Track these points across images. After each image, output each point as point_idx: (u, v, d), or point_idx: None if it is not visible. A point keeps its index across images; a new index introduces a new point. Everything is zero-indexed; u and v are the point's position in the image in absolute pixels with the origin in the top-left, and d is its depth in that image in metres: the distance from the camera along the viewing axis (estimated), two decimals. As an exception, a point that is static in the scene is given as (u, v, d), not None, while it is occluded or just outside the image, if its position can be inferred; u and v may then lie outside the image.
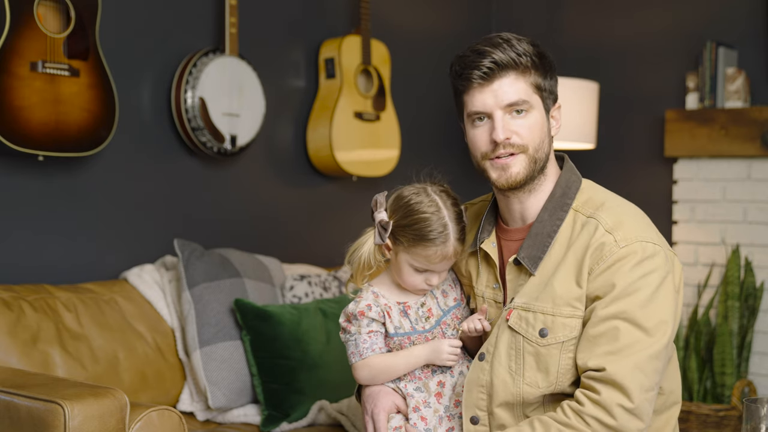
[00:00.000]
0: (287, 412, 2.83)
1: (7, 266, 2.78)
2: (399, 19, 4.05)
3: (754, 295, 3.75)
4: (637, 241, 1.83)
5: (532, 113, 1.90)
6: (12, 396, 2.01)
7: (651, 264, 1.83)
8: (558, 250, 1.89)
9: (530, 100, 1.90)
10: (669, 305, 1.83)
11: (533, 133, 1.90)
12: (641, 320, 1.79)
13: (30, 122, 2.64)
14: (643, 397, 1.77)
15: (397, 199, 2.01)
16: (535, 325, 1.87)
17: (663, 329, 1.81)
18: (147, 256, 3.09)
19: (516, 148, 1.89)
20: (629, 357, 1.78)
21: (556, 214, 1.91)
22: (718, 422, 3.43)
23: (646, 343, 1.79)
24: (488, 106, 1.90)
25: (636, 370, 1.77)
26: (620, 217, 1.88)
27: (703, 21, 3.99)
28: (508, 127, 1.89)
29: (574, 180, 1.97)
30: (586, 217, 1.89)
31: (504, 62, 1.88)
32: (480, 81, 1.90)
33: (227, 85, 3.21)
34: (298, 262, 3.48)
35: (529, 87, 1.90)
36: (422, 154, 4.13)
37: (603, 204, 1.91)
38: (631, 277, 1.81)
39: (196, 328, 2.85)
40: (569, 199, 1.93)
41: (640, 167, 4.12)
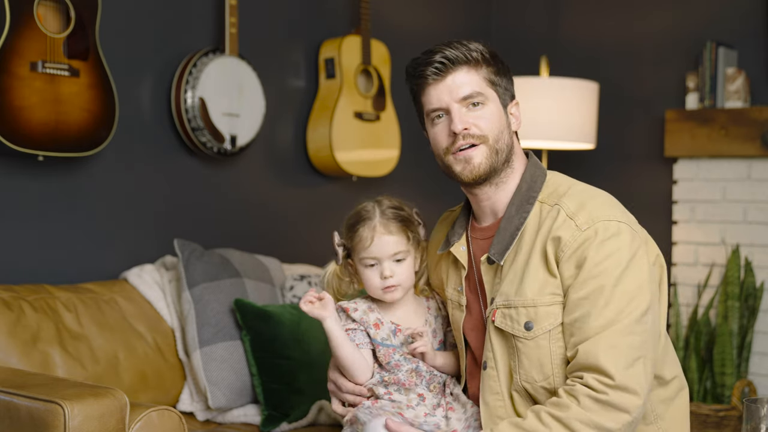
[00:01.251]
0: (287, 412, 2.83)
1: (7, 266, 2.78)
2: (399, 19, 4.05)
3: (754, 295, 3.75)
4: (599, 221, 1.84)
5: (488, 105, 1.94)
6: (12, 396, 2.01)
7: (616, 242, 1.83)
8: (527, 241, 1.91)
9: (485, 93, 1.93)
10: (640, 281, 1.82)
11: (492, 124, 1.93)
12: (612, 300, 1.79)
13: (30, 122, 2.64)
14: (625, 373, 1.76)
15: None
16: (519, 319, 1.87)
17: (634, 304, 1.80)
18: (147, 256, 3.10)
19: (476, 138, 1.92)
20: (601, 337, 1.78)
21: (522, 208, 1.93)
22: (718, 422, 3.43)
23: (617, 321, 1.78)
24: (444, 100, 1.94)
25: (608, 348, 1.77)
26: (582, 200, 1.89)
27: (703, 21, 3.99)
28: (465, 119, 1.92)
29: (538, 174, 1.98)
30: (551, 206, 1.91)
31: (454, 57, 1.93)
32: (434, 77, 1.94)
33: (227, 85, 3.21)
34: (298, 262, 3.48)
35: (482, 80, 1.94)
36: (422, 154, 4.13)
37: (567, 191, 1.93)
38: (597, 258, 1.81)
39: (196, 328, 2.85)
40: (535, 192, 1.95)
41: (640, 167, 4.12)
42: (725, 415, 3.48)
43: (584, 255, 1.82)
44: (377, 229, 2.01)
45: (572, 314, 1.82)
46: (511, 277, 1.91)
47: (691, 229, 3.97)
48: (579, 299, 1.81)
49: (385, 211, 2.03)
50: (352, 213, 2.08)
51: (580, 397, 1.76)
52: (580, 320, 1.81)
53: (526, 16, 4.46)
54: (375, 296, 2.08)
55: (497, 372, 1.92)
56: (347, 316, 2.09)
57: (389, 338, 2.06)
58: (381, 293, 2.06)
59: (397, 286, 2.04)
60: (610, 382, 1.75)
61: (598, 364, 1.76)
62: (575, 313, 1.82)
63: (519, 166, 1.99)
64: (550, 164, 3.98)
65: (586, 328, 1.79)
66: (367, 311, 2.09)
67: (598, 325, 1.79)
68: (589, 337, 1.79)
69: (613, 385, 1.75)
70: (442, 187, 4.24)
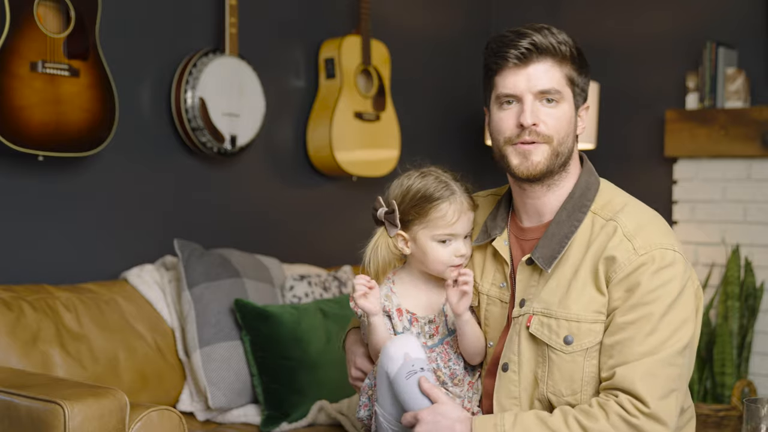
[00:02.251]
0: (287, 412, 2.83)
1: (7, 266, 2.78)
2: (399, 19, 4.05)
3: (754, 295, 3.75)
4: (656, 249, 1.80)
5: (562, 105, 1.86)
6: (12, 396, 2.01)
7: (671, 272, 1.79)
8: (576, 252, 1.85)
9: (563, 91, 1.85)
10: (687, 313, 1.80)
11: (560, 125, 1.85)
12: (658, 329, 1.76)
13: (30, 122, 2.64)
14: (659, 403, 1.74)
15: (391, 189, 2.01)
16: (559, 332, 1.82)
17: (678, 335, 1.78)
18: (147, 256, 3.09)
19: (541, 137, 1.84)
20: (641, 363, 1.75)
21: (574, 215, 1.87)
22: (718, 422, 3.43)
23: (659, 350, 1.76)
24: (520, 89, 1.84)
25: (647, 375, 1.74)
26: (640, 222, 1.84)
27: (703, 21, 3.99)
28: (536, 114, 1.84)
29: (593, 181, 1.93)
30: (606, 220, 1.85)
31: (543, 46, 1.83)
32: (516, 62, 1.84)
33: (227, 85, 3.21)
34: (298, 262, 3.48)
35: (563, 78, 1.85)
36: (422, 154, 4.13)
37: (623, 208, 1.87)
38: (651, 286, 1.77)
39: (196, 328, 2.85)
40: (588, 201, 1.89)
41: (640, 167, 4.12)
42: (725, 415, 3.48)
43: (638, 280, 1.78)
44: (464, 205, 1.93)
45: (614, 336, 1.79)
46: (554, 285, 1.85)
47: (691, 229, 3.97)
48: (625, 323, 1.78)
49: (464, 189, 1.96)
50: (418, 185, 1.96)
51: (611, 414, 1.74)
52: (621, 343, 1.77)
53: (526, 16, 4.46)
54: (434, 272, 1.96)
55: (519, 377, 1.88)
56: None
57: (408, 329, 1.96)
58: (444, 270, 1.95)
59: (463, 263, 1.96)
60: (644, 409, 1.73)
61: (634, 389, 1.74)
62: (617, 335, 1.78)
63: (574, 171, 1.93)
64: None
65: (627, 353, 1.76)
66: (390, 295, 1.98)
67: (640, 351, 1.76)
68: (629, 361, 1.76)
69: (646, 412, 1.73)
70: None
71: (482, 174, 4.43)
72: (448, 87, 4.29)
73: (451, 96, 4.30)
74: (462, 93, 4.31)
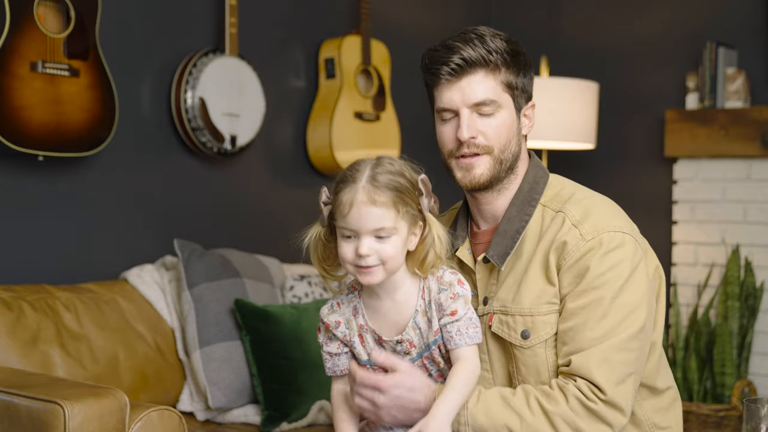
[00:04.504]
0: (287, 412, 2.83)
1: (7, 266, 2.78)
2: (399, 19, 4.05)
3: (754, 295, 3.75)
4: (604, 232, 1.80)
5: (500, 113, 1.86)
6: (12, 396, 2.01)
7: (619, 254, 1.80)
8: (528, 247, 1.87)
9: (499, 100, 1.85)
10: (639, 295, 1.80)
11: (500, 134, 1.86)
12: (610, 312, 1.77)
13: (30, 122, 2.64)
14: (616, 389, 1.75)
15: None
16: (516, 327, 1.84)
17: (631, 319, 1.78)
18: (147, 256, 3.10)
19: (480, 148, 1.85)
20: (596, 350, 1.75)
21: (524, 210, 1.88)
22: (718, 422, 3.43)
23: (613, 335, 1.76)
24: (455, 103, 1.86)
25: (602, 362, 1.75)
26: (587, 208, 1.85)
27: (703, 21, 3.99)
28: (474, 126, 1.85)
29: (541, 175, 1.93)
30: (555, 211, 1.86)
31: (473, 59, 1.84)
32: (448, 77, 1.86)
33: (227, 85, 3.21)
34: (298, 262, 3.48)
35: (499, 85, 1.85)
36: (422, 154, 4.13)
37: (571, 197, 1.88)
38: (600, 270, 1.78)
39: (196, 328, 2.85)
40: (537, 194, 1.90)
41: (640, 167, 4.12)
42: (725, 415, 3.48)
43: (586, 265, 1.79)
44: (358, 196, 1.67)
45: (567, 323, 1.80)
46: (510, 283, 1.87)
47: (691, 229, 3.97)
48: (576, 308, 1.79)
49: (378, 175, 1.69)
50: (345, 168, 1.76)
51: (570, 397, 1.74)
52: (574, 329, 1.78)
53: (526, 16, 4.46)
54: (343, 266, 1.75)
55: (493, 375, 1.90)
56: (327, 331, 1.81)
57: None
58: (354, 271, 1.72)
59: (375, 267, 1.70)
60: (601, 395, 1.74)
61: (591, 377, 1.74)
62: (570, 321, 1.79)
63: (522, 170, 1.93)
64: (549, 164, 3.98)
65: (580, 339, 1.77)
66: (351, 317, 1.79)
67: (593, 336, 1.76)
68: (583, 348, 1.76)
69: (603, 398, 1.74)
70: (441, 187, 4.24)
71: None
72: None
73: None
74: (462, 93, 4.31)
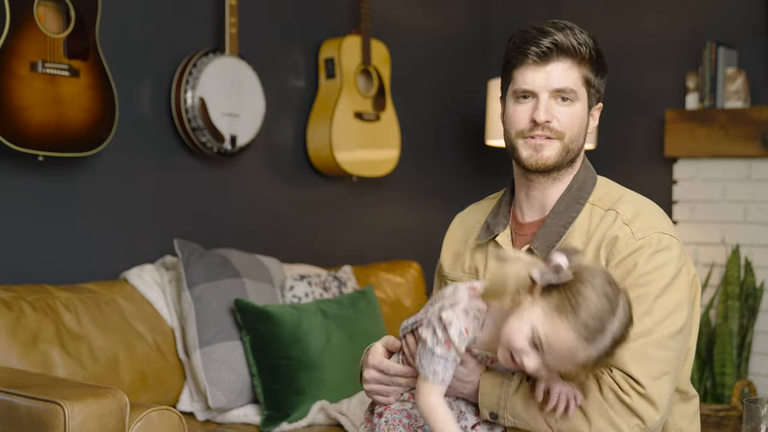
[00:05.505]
0: (287, 412, 2.83)
1: (7, 266, 2.78)
2: (399, 19, 4.05)
3: (754, 295, 3.75)
4: (654, 232, 1.83)
5: (576, 104, 1.90)
6: (12, 396, 2.01)
7: (667, 255, 1.82)
8: (577, 242, 1.88)
9: (578, 91, 1.89)
10: (681, 298, 1.82)
11: (573, 123, 1.89)
12: (653, 310, 1.78)
13: (30, 122, 2.64)
14: (653, 384, 1.75)
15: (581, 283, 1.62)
16: None
17: (672, 319, 1.79)
18: (147, 256, 3.09)
19: (553, 133, 1.88)
20: (634, 343, 1.74)
21: (572, 207, 1.91)
22: (718, 422, 3.43)
23: (653, 332, 1.78)
24: (537, 85, 1.88)
25: (639, 355, 1.75)
26: (638, 208, 1.88)
27: (703, 21, 3.99)
28: (550, 111, 1.88)
29: (590, 176, 1.97)
30: (604, 210, 1.89)
31: (564, 46, 1.88)
32: (535, 59, 1.88)
33: (227, 85, 3.21)
34: (298, 262, 3.48)
35: (580, 78, 1.90)
36: (422, 154, 4.13)
37: (621, 197, 1.91)
38: (647, 268, 1.80)
39: (196, 328, 2.85)
40: (585, 194, 1.93)
41: (640, 167, 4.12)
42: (725, 415, 3.48)
43: (635, 262, 1.80)
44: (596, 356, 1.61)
45: None
46: None
47: (691, 229, 3.97)
48: None
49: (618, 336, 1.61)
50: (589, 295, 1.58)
51: (605, 387, 1.75)
52: None
53: (526, 16, 4.46)
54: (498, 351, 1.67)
55: None
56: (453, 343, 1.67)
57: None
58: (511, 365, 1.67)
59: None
60: (639, 388, 1.74)
61: (627, 369, 1.75)
62: None
63: (578, 167, 1.98)
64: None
65: None
66: (475, 331, 1.70)
67: (634, 331, 1.74)
68: None
69: (641, 392, 1.74)
70: (441, 187, 4.24)
71: (483, 174, 4.44)
72: (448, 87, 4.28)
73: (451, 96, 4.29)
74: (462, 93, 4.31)
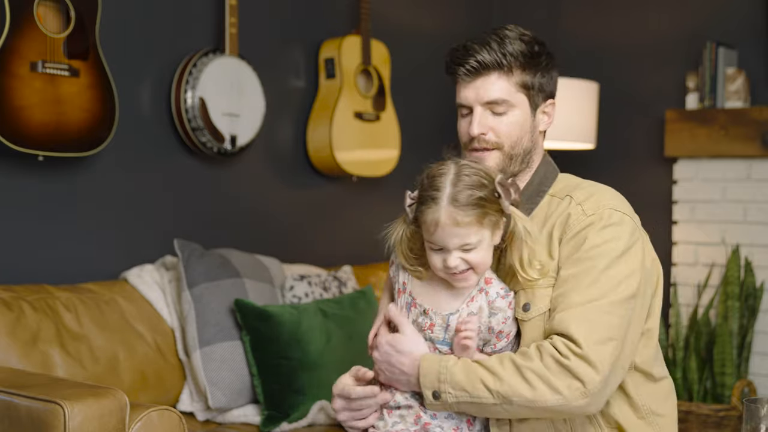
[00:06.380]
0: (287, 412, 2.83)
1: (7, 266, 2.78)
2: (399, 19, 4.05)
3: (754, 295, 3.75)
4: (605, 209, 1.88)
5: (513, 111, 1.96)
6: (12, 396, 2.01)
7: (616, 230, 1.86)
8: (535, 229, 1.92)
9: (512, 99, 1.96)
10: (632, 268, 1.84)
11: (511, 130, 1.95)
12: (599, 281, 1.82)
13: (30, 122, 2.64)
14: (593, 347, 1.77)
15: (422, 176, 1.90)
16: (519, 301, 1.89)
17: (620, 288, 1.82)
18: (147, 256, 3.10)
19: (490, 144, 1.96)
20: (578, 308, 1.80)
21: (531, 199, 1.97)
22: (718, 422, 3.43)
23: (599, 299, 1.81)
24: (470, 100, 1.99)
25: (582, 319, 1.79)
26: (592, 192, 1.93)
27: (703, 21, 3.99)
28: (485, 123, 1.96)
29: (551, 170, 2.03)
30: (561, 198, 1.95)
31: (487, 62, 1.96)
32: (464, 77, 2.00)
33: (227, 85, 3.21)
34: (298, 262, 3.48)
35: (513, 86, 1.96)
36: (422, 154, 4.13)
37: (578, 186, 1.97)
38: (595, 241, 1.85)
39: (196, 328, 2.85)
40: (545, 187, 2.00)
41: (640, 167, 4.12)
42: (725, 415, 3.48)
43: (585, 236, 1.86)
44: (442, 218, 1.77)
45: (558, 289, 1.85)
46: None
47: (691, 229, 3.97)
48: (568, 276, 1.85)
49: (458, 194, 1.78)
50: (426, 174, 1.85)
51: (545, 354, 1.79)
52: (563, 295, 1.84)
53: (526, 16, 4.46)
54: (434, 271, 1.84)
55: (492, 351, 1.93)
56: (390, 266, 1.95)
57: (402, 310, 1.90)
58: (446, 277, 1.83)
59: (466, 273, 1.82)
60: (576, 349, 1.77)
61: (569, 332, 1.79)
62: (560, 288, 1.85)
63: (535, 165, 2.02)
64: (550, 164, 3.98)
65: (567, 302, 1.82)
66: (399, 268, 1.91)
67: (578, 300, 1.82)
68: (566, 307, 1.82)
69: (578, 353, 1.77)
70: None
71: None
72: (448, 87, 4.26)
73: (451, 96, 4.27)
74: (462, 93, 4.31)
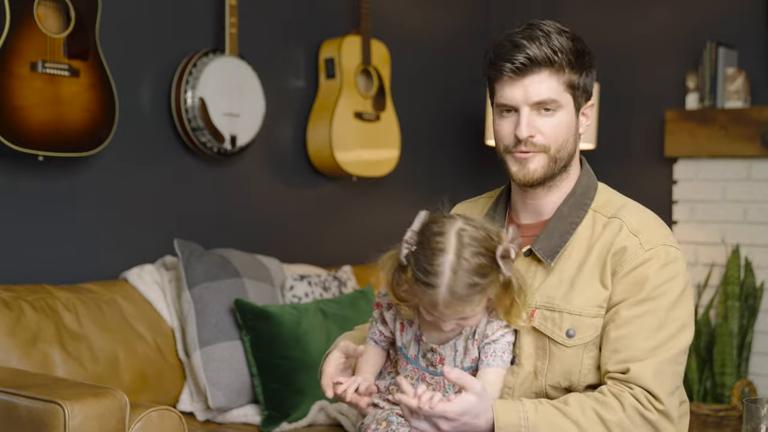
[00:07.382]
0: (287, 412, 2.83)
1: (7, 266, 2.78)
2: (399, 19, 4.05)
3: (754, 295, 3.75)
4: (662, 245, 1.83)
5: (560, 112, 1.87)
6: (12, 396, 2.01)
7: (675, 268, 1.83)
8: (579, 249, 1.87)
9: (560, 100, 1.86)
10: (689, 310, 1.83)
11: (558, 133, 1.86)
12: (665, 324, 1.79)
13: (30, 122, 2.64)
14: (669, 399, 1.77)
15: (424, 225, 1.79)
16: (561, 325, 1.83)
17: (684, 334, 1.81)
18: (147, 256, 3.09)
19: (537, 147, 1.86)
20: (652, 360, 1.77)
21: (575, 212, 1.89)
22: (718, 422, 3.43)
23: (668, 347, 1.79)
24: (516, 100, 1.85)
25: (658, 373, 1.77)
26: (643, 220, 1.87)
27: (703, 21, 3.99)
28: (533, 125, 1.85)
29: (592, 182, 1.96)
30: (608, 218, 1.88)
31: (538, 59, 1.85)
32: (511, 75, 1.85)
33: (227, 85, 3.21)
34: (298, 262, 3.48)
35: (561, 86, 1.87)
36: (422, 154, 4.13)
37: (624, 206, 1.90)
38: (657, 281, 1.80)
39: (196, 328, 2.85)
40: (588, 199, 1.92)
41: (640, 167, 4.12)
42: (725, 415, 3.49)
43: (645, 274, 1.80)
44: (439, 305, 1.71)
45: (621, 330, 1.80)
46: (558, 279, 1.86)
47: (691, 229, 3.97)
48: (632, 317, 1.80)
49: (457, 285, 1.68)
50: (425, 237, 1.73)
51: (627, 406, 1.75)
52: (628, 337, 1.79)
53: (525, 17, 4.45)
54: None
55: (519, 369, 1.87)
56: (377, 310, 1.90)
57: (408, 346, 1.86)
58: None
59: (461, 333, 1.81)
60: (658, 405, 1.76)
61: (649, 387, 1.76)
62: (624, 329, 1.80)
63: (574, 172, 1.94)
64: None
65: (635, 347, 1.78)
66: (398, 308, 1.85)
67: (647, 346, 1.78)
68: (639, 357, 1.77)
69: (659, 408, 1.76)
70: (441, 188, 4.24)
71: (483, 174, 4.44)
72: (448, 87, 4.28)
73: (451, 96, 4.30)
74: (462, 93, 4.31)
